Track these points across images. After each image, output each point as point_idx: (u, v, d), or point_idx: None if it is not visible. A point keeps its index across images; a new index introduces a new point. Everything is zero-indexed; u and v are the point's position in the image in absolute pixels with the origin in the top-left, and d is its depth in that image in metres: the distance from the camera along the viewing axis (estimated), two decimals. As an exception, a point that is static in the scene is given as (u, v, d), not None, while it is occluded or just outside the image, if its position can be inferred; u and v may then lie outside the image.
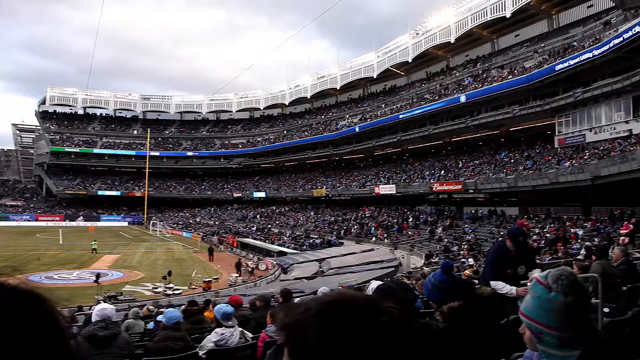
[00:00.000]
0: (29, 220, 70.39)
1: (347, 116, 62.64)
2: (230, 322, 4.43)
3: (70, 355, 0.65)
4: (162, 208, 77.60)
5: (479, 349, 2.24)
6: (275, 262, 33.39)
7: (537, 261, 8.89)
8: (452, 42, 48.17)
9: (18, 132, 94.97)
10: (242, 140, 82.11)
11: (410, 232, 36.85)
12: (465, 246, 27.27)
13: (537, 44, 39.15)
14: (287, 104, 79.89)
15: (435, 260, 26.10)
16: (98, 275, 25.48)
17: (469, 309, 2.37)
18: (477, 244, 27.43)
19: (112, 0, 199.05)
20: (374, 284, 3.37)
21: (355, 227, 43.00)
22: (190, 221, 68.00)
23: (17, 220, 69.69)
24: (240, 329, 4.52)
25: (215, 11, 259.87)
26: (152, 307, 11.60)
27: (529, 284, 3.85)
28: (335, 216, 50.03)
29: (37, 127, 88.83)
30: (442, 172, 41.51)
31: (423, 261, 26.76)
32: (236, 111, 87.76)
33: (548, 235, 23.77)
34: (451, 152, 45.98)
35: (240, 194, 72.46)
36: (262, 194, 68.49)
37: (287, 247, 39.90)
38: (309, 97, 74.19)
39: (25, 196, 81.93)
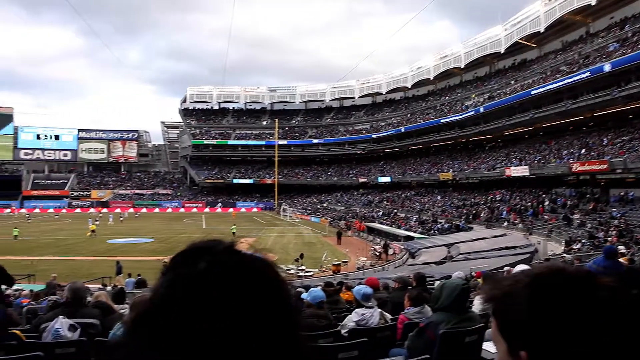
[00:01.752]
0: (177, 207, 78.78)
1: (473, 95, 59.83)
2: (370, 303, 4.66)
3: (300, 321, 0.69)
4: (291, 194, 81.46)
5: None
6: (402, 247, 33.40)
7: None
8: (592, 4, 43.24)
9: (165, 128, 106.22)
10: (366, 125, 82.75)
11: (546, 217, 34.35)
12: (614, 232, 24.73)
13: None
14: (409, 86, 78.61)
15: (577, 247, 24.12)
16: (238, 257, 27.74)
17: None
18: (628, 230, 24.74)
19: (240, 2, 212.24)
20: (520, 268, 3.34)
21: (485, 211, 41.20)
22: (318, 206, 70.46)
23: (167, 207, 78.54)
24: (380, 310, 4.73)
25: (334, 2, 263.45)
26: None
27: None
28: (463, 200, 48.38)
29: (181, 123, 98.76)
30: (583, 150, 37.88)
31: (563, 248, 24.87)
32: (358, 97, 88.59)
33: None
34: (593, 128, 41.60)
35: (366, 179, 73.24)
36: (387, 179, 68.55)
37: (414, 232, 39.61)
38: (431, 78, 72.17)
39: (173, 185, 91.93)
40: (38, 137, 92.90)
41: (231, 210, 73.49)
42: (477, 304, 4.17)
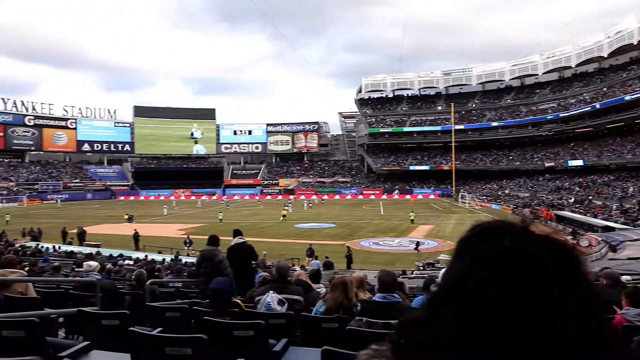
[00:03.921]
0: (355, 194, 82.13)
1: (693, 60, 50.25)
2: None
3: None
4: (468, 180, 78.46)
5: None
6: (600, 239, 29.91)
7: None
8: None
9: (343, 119, 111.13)
10: (552, 104, 75.44)
11: None
12: None
13: None
14: (605, 55, 69.19)
15: None
16: (418, 244, 28.13)
17: None
18: None
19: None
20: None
21: None
22: (499, 193, 66.68)
23: (346, 194, 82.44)
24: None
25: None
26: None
27: None
28: (679, 185, 41.25)
29: (357, 113, 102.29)
30: None
31: None
32: (542, 73, 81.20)
33: None
34: None
35: (553, 163, 66.87)
36: (579, 162, 61.65)
37: (615, 222, 35.12)
38: (635, 43, 62.35)
39: (351, 173, 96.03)
40: (235, 132, 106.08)
41: (408, 197, 73.70)
42: None
